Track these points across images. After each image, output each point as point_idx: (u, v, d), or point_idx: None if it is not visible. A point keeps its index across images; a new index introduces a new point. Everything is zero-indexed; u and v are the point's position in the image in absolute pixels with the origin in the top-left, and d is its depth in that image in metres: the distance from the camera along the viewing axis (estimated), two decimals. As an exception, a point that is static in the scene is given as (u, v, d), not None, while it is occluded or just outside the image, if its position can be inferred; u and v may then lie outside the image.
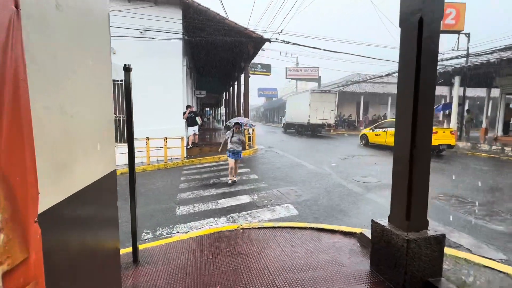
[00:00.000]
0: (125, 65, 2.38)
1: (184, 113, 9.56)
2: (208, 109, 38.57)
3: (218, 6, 9.35)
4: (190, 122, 9.94)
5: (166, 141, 8.36)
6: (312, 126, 18.09)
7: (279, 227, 3.44)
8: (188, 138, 10.09)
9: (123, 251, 2.97)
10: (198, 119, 10.46)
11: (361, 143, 13.43)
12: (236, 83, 16.80)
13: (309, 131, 19.12)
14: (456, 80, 12.60)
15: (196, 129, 10.26)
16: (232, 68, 15.02)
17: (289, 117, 22.12)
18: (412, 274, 2.09)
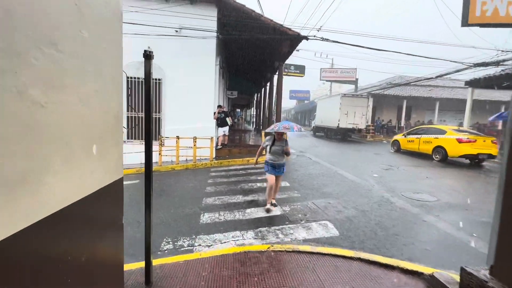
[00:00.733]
0: (145, 51, 1.99)
1: (214, 113, 9.32)
2: (238, 110, 38.64)
3: (252, 3, 8.97)
4: (220, 122, 9.70)
5: (196, 141, 8.17)
6: (341, 131, 17.72)
7: (318, 253, 2.81)
8: (217, 138, 9.85)
9: (136, 265, 2.61)
10: (229, 120, 10.17)
11: (392, 149, 12.63)
12: (268, 84, 16.33)
13: (338, 136, 18.64)
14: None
15: (226, 129, 9.98)
16: (265, 68, 14.58)
17: (319, 120, 21.69)
18: None
